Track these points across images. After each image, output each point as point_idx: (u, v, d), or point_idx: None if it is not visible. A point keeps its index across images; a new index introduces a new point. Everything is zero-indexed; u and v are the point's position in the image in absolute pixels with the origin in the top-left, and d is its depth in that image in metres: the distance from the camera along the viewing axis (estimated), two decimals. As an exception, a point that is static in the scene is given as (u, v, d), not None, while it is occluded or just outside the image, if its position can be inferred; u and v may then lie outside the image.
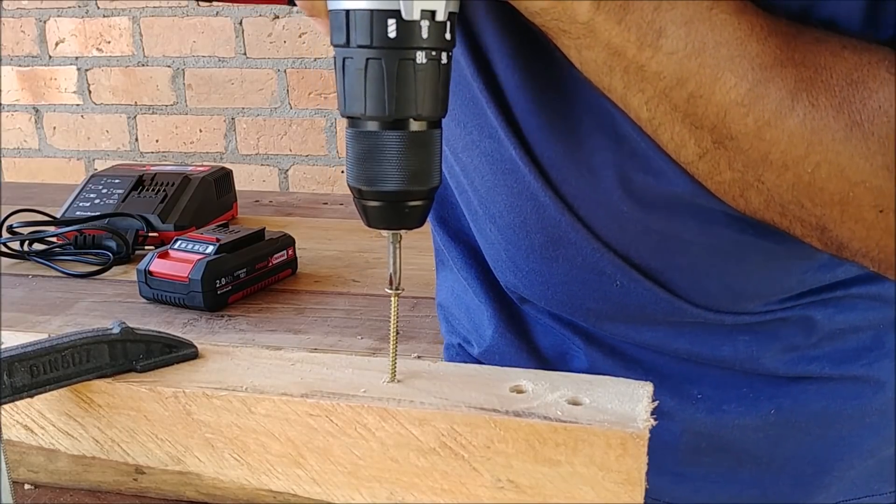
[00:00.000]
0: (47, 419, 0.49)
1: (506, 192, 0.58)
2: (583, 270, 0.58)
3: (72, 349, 0.46)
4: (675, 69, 0.42)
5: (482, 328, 0.68)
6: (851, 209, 0.43)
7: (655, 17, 0.41)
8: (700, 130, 0.44)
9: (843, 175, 0.42)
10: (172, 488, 0.50)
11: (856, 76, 0.41)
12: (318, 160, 2.01)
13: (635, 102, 0.45)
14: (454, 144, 0.60)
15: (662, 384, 0.59)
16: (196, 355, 0.50)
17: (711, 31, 0.41)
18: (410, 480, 0.44)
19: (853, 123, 0.41)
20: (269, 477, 0.47)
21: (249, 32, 1.94)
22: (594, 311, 0.61)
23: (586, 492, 0.41)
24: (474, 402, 0.43)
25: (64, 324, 0.87)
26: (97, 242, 1.06)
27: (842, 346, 0.59)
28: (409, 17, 0.38)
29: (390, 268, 0.45)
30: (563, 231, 0.56)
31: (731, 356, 0.59)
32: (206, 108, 2.02)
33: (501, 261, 0.63)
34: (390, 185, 0.41)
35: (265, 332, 0.83)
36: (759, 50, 0.42)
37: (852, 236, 0.45)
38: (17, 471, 0.52)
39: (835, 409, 0.60)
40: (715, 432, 0.60)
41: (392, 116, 0.40)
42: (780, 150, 0.43)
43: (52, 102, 2.11)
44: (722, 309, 0.57)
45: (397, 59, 0.39)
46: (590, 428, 0.41)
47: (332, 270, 1.01)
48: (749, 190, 0.46)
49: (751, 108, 0.42)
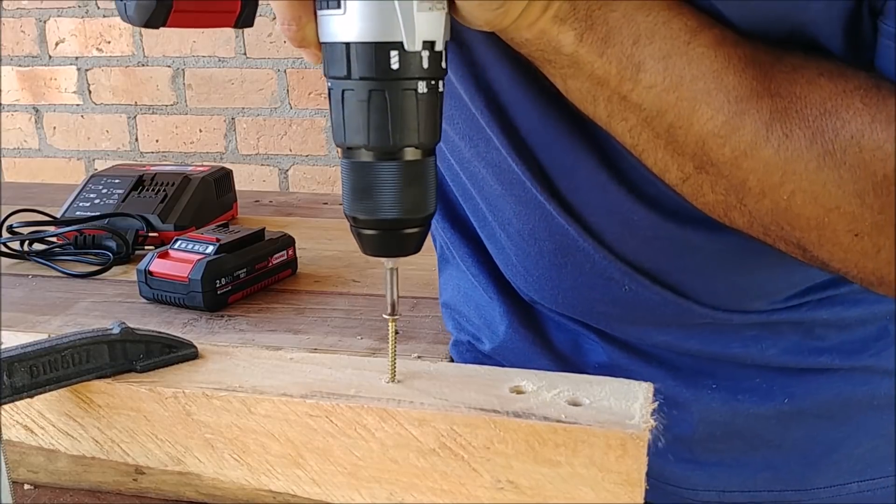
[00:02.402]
0: (47, 419, 0.49)
1: (513, 201, 0.59)
2: (592, 276, 0.59)
3: (71, 349, 0.46)
4: (655, 101, 0.44)
5: (494, 324, 0.68)
6: (828, 233, 0.45)
7: (634, 51, 0.43)
8: (682, 157, 0.46)
9: (817, 202, 0.44)
10: (172, 489, 0.50)
11: (829, 106, 0.43)
12: (318, 160, 2.01)
13: (619, 129, 0.47)
14: (462, 154, 0.61)
15: (678, 376, 0.62)
16: (196, 355, 0.50)
17: (688, 65, 0.43)
18: (410, 481, 0.44)
19: (826, 153, 0.43)
20: (268, 477, 0.47)
21: (249, 32, 1.94)
22: (605, 315, 0.62)
23: (586, 492, 0.41)
24: (474, 402, 0.43)
25: (64, 324, 0.87)
26: (97, 242, 1.06)
27: (849, 338, 0.60)
28: (411, 49, 0.39)
29: (388, 295, 0.45)
30: (571, 239, 0.57)
31: (742, 353, 0.60)
32: (206, 108, 2.02)
33: (512, 265, 0.64)
34: (388, 214, 0.41)
35: (265, 332, 0.83)
36: (736, 82, 0.43)
37: (831, 257, 0.47)
38: (17, 471, 0.52)
39: (844, 396, 0.61)
40: (729, 421, 0.62)
41: (396, 146, 0.40)
42: (757, 178, 0.44)
43: (52, 102, 2.11)
44: (730, 308, 0.58)
45: (400, 90, 0.40)
46: (589, 429, 0.41)
47: (332, 270, 1.01)
48: (732, 211, 0.47)
49: (727, 139, 0.44)
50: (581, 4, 0.42)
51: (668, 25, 0.43)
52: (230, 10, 0.48)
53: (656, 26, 0.43)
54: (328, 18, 0.40)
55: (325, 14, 0.40)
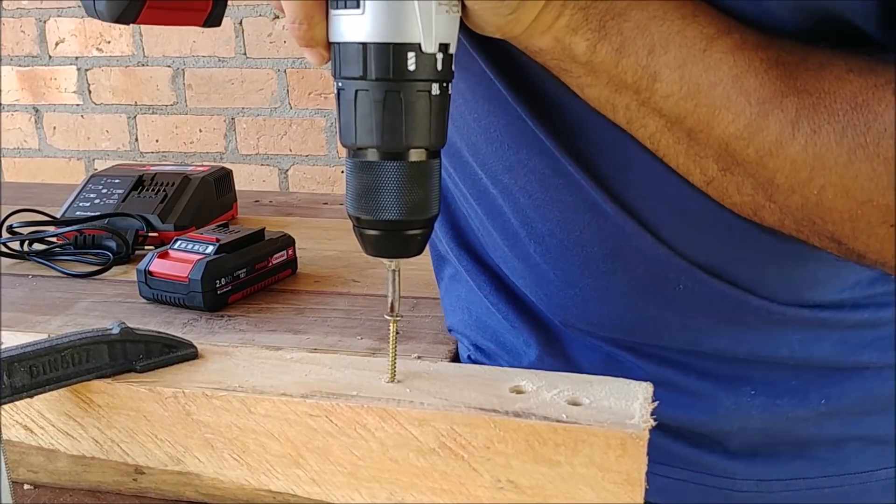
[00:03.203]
0: (47, 419, 0.49)
1: (559, 207, 0.58)
2: (644, 279, 0.58)
3: (71, 349, 0.46)
4: (673, 109, 0.44)
5: (517, 351, 0.68)
6: (862, 225, 0.45)
7: (650, 61, 0.43)
8: (704, 160, 0.46)
9: (849, 195, 0.44)
10: (172, 488, 0.50)
11: (860, 100, 0.42)
12: (318, 160, 2.01)
13: (640, 135, 0.47)
14: (494, 167, 0.60)
15: (717, 385, 0.62)
16: (196, 355, 0.50)
17: (706, 72, 0.43)
18: (410, 481, 0.44)
19: (857, 146, 0.43)
20: (268, 477, 0.47)
21: (249, 32, 1.94)
22: (653, 321, 0.61)
23: (586, 492, 0.41)
24: (474, 402, 0.43)
25: (64, 324, 0.87)
26: (97, 242, 1.06)
27: (885, 334, 0.61)
28: (427, 51, 0.39)
29: (389, 295, 0.45)
30: (625, 239, 0.57)
31: (787, 355, 0.60)
32: (206, 108, 2.02)
33: (547, 282, 0.63)
34: (391, 215, 0.41)
35: (265, 332, 0.83)
36: (757, 84, 0.43)
37: (867, 249, 0.47)
38: (17, 471, 0.52)
39: (876, 393, 0.62)
40: (769, 426, 0.62)
41: (407, 147, 0.40)
42: (785, 176, 0.44)
43: (52, 102, 2.11)
44: (785, 300, 0.58)
45: (415, 91, 0.40)
46: (589, 428, 0.41)
47: (332, 270, 1.01)
48: (762, 210, 0.48)
49: (751, 140, 0.44)
50: (594, 14, 0.42)
51: (682, 34, 0.43)
52: (201, 9, 0.48)
53: (671, 35, 0.43)
54: (344, 18, 0.40)
55: (342, 14, 0.40)
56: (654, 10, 0.43)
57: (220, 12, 0.49)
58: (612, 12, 0.43)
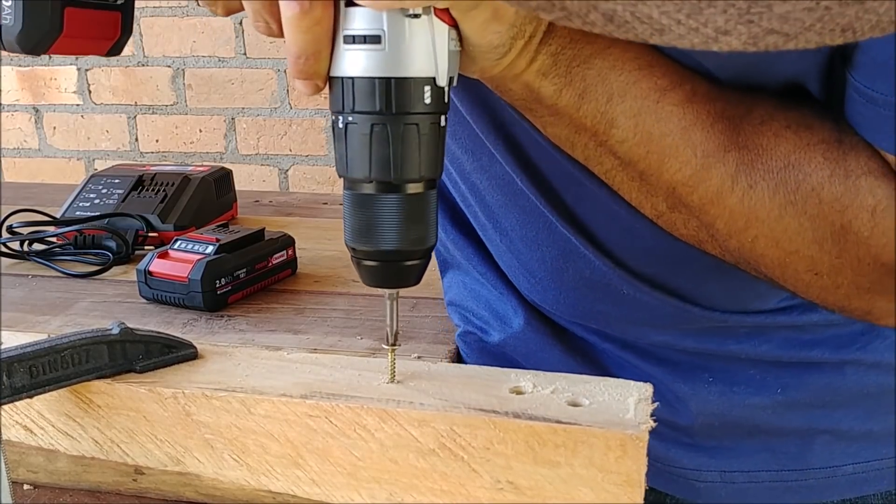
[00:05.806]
0: (47, 419, 0.49)
1: (516, 210, 0.62)
2: (592, 281, 0.62)
3: (71, 350, 0.46)
4: (626, 153, 0.47)
5: (507, 317, 0.71)
6: (790, 272, 0.50)
7: (608, 108, 0.46)
8: (655, 198, 0.50)
9: (778, 245, 0.48)
10: (172, 489, 0.50)
11: (793, 158, 0.46)
12: (318, 160, 2.01)
13: (597, 170, 0.51)
14: (462, 167, 0.64)
15: (675, 371, 0.65)
16: (195, 356, 0.50)
17: (657, 122, 0.46)
18: (410, 481, 0.44)
19: (787, 203, 0.47)
20: (268, 478, 0.47)
21: (249, 32, 1.94)
22: (604, 315, 0.65)
23: (586, 493, 0.41)
24: (474, 403, 0.43)
25: (64, 324, 0.87)
26: (97, 242, 1.06)
27: (837, 333, 0.63)
28: (440, 84, 0.40)
29: (388, 325, 0.45)
30: (572, 246, 0.60)
31: (737, 349, 0.63)
32: (206, 108, 2.02)
33: (514, 268, 0.67)
34: (389, 245, 0.42)
35: (265, 332, 0.83)
36: (703, 138, 0.46)
37: (796, 289, 0.51)
38: (17, 471, 0.52)
39: (835, 386, 0.64)
40: (727, 411, 0.65)
41: (421, 178, 0.41)
42: (724, 222, 0.48)
43: (52, 102, 2.11)
44: (727, 310, 0.61)
45: (429, 124, 0.41)
46: (589, 429, 0.41)
47: (332, 270, 1.01)
48: (705, 244, 0.52)
49: (695, 188, 0.47)
50: (562, 61, 0.45)
51: (638, 84, 0.46)
52: (109, 38, 0.50)
53: (628, 85, 0.46)
54: (360, 54, 0.40)
55: (358, 49, 0.40)
56: (615, 59, 0.45)
57: (123, 42, 0.51)
58: (578, 59, 0.45)
